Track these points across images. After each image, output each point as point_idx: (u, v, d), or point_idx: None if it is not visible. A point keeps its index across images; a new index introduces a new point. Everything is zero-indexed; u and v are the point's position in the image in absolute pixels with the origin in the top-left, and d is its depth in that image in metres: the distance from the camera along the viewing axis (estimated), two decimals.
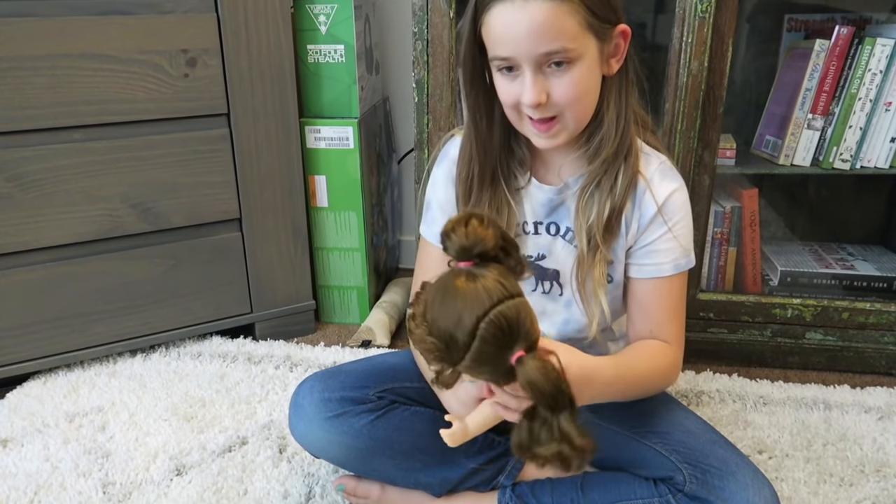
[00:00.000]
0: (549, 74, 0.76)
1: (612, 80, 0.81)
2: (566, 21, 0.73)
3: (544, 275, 0.92)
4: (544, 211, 0.89)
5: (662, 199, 0.84)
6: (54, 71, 1.13)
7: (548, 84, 0.77)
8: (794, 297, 1.29)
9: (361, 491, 0.95)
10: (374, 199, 1.52)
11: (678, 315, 0.88)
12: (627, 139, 0.82)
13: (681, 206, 0.85)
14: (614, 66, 0.80)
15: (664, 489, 0.81)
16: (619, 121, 0.82)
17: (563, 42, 0.74)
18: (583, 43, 0.75)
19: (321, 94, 1.39)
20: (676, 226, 0.85)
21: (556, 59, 0.75)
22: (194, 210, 1.29)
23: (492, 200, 0.87)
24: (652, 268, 0.86)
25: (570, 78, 0.76)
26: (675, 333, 0.87)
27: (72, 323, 1.26)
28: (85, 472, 1.02)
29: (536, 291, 0.93)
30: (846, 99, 1.21)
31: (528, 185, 0.89)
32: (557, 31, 0.73)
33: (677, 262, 0.86)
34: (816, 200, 1.54)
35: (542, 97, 0.76)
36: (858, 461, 1.04)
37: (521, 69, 0.77)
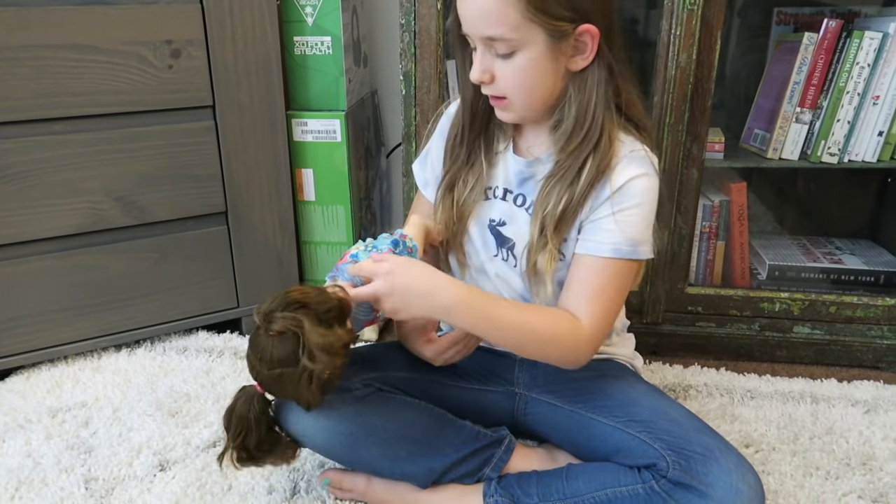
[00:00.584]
0: (497, 58, 0.82)
1: (579, 77, 0.84)
2: (508, 10, 0.78)
3: (505, 243, 0.94)
4: (516, 181, 0.93)
5: (619, 183, 0.85)
6: (37, 62, 1.11)
7: (494, 66, 0.83)
8: (782, 290, 1.29)
9: (347, 484, 0.94)
10: (363, 192, 1.51)
11: (603, 298, 0.86)
12: (594, 136, 0.84)
13: (638, 193, 0.85)
14: (580, 62, 0.83)
15: (648, 476, 0.81)
16: (585, 117, 0.84)
17: (503, 30, 0.79)
18: (526, 34, 0.80)
19: (308, 87, 1.38)
20: (625, 212, 0.85)
21: (499, 45, 0.81)
22: (179, 203, 1.28)
23: (468, 158, 0.95)
24: (592, 245, 0.87)
25: (512, 65, 0.82)
26: (591, 314, 0.85)
27: (55, 317, 1.24)
28: (67, 468, 1.01)
29: (498, 257, 0.96)
30: (834, 92, 1.21)
31: (506, 152, 0.95)
32: (498, 19, 0.79)
33: (618, 246, 0.85)
34: (805, 194, 1.55)
35: (484, 77, 0.84)
36: (845, 454, 1.04)
37: (477, 47, 0.84)
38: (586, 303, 0.86)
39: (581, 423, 0.92)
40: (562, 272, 0.91)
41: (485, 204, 0.96)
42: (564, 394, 0.96)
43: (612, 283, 0.86)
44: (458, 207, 0.95)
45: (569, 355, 0.87)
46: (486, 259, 0.97)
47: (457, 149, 0.96)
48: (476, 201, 0.95)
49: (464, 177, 0.95)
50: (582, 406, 0.93)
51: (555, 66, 0.83)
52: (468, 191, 0.95)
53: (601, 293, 0.86)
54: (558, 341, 0.85)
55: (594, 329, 0.85)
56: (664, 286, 1.29)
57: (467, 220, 0.96)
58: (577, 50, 0.82)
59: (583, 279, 0.87)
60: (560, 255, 0.90)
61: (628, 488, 0.82)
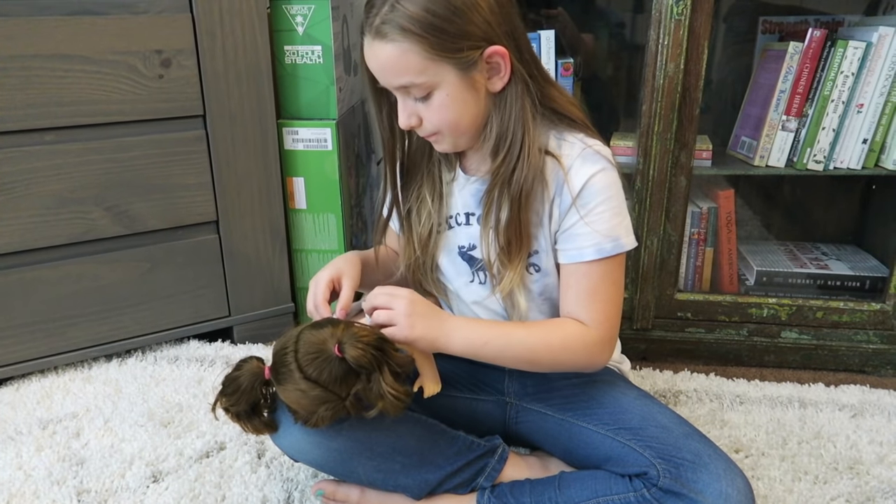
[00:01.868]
0: (418, 101, 0.83)
1: (498, 97, 0.84)
2: (409, 58, 0.79)
3: (477, 265, 0.95)
4: (474, 202, 0.93)
5: (579, 186, 0.85)
6: (25, 72, 1.11)
7: (418, 109, 0.84)
8: (769, 296, 1.31)
9: (340, 495, 0.94)
10: (353, 200, 1.51)
11: (600, 299, 0.88)
12: (515, 149, 0.84)
13: (600, 189, 0.85)
14: (498, 83, 0.84)
15: (639, 484, 0.82)
16: (506, 133, 0.84)
17: (410, 77, 0.80)
18: (435, 74, 0.80)
19: (299, 96, 1.38)
20: (593, 212, 0.85)
21: (414, 91, 0.82)
22: (170, 212, 1.28)
23: (417, 195, 0.95)
24: (574, 252, 0.87)
25: (432, 106, 0.83)
26: (594, 317, 0.87)
27: (46, 328, 1.24)
28: (59, 480, 1.01)
29: (474, 282, 0.96)
30: (819, 101, 1.23)
31: (457, 177, 0.95)
32: (402, 68, 0.80)
33: (600, 245, 0.86)
34: (791, 200, 1.57)
35: (411, 121, 0.85)
36: (832, 459, 1.05)
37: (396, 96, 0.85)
38: (585, 307, 0.88)
39: (572, 432, 0.93)
40: (538, 283, 0.92)
41: (449, 233, 0.96)
42: (555, 402, 0.96)
43: (604, 283, 0.87)
44: (420, 244, 0.96)
45: (583, 360, 0.89)
46: (460, 286, 0.97)
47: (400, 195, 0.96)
48: (440, 233, 0.96)
49: (417, 210, 0.96)
50: (572, 414, 0.94)
51: (474, 93, 0.83)
52: (422, 222, 0.95)
53: (596, 294, 0.87)
54: (568, 347, 0.87)
55: (601, 330, 0.87)
56: (653, 292, 1.30)
57: (434, 254, 0.97)
58: (492, 71, 0.82)
59: (574, 286, 0.89)
60: (533, 267, 0.91)
61: (620, 497, 0.83)
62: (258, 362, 0.83)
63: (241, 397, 0.81)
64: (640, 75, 1.23)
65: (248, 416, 0.84)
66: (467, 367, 1.01)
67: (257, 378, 0.81)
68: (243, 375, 0.81)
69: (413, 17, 0.76)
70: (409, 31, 0.77)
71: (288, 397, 0.79)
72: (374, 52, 0.80)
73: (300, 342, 0.78)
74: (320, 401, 0.78)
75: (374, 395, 0.77)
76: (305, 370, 0.77)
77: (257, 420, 0.85)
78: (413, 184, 0.96)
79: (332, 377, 0.77)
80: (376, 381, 0.77)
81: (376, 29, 0.79)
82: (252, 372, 0.82)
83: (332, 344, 0.77)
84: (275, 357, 0.80)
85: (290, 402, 0.80)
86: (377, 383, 0.77)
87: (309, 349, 0.77)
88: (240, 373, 0.82)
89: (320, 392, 0.77)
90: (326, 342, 0.77)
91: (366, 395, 0.78)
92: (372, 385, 0.77)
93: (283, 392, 0.80)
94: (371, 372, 0.77)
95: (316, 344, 0.77)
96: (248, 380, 0.81)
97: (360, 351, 0.75)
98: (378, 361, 0.77)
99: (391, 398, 0.76)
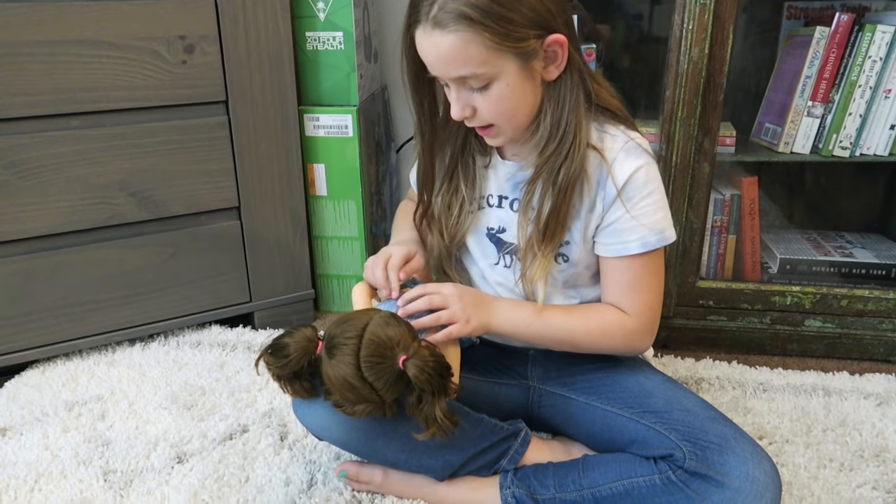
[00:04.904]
0: (473, 92, 0.82)
1: (552, 86, 0.84)
2: (470, 49, 0.77)
3: (505, 248, 0.95)
4: (509, 186, 0.93)
5: (623, 179, 0.85)
6: (52, 57, 1.12)
7: (472, 99, 0.82)
8: (793, 284, 1.30)
9: (364, 476, 0.95)
10: (373, 187, 1.52)
11: (641, 289, 0.89)
12: (568, 140, 0.84)
13: (644, 183, 0.85)
14: (553, 72, 0.83)
15: (664, 466, 0.82)
16: (560, 125, 0.84)
17: (472, 68, 0.78)
18: (496, 64, 0.78)
19: (320, 82, 1.38)
20: (638, 205, 0.86)
21: (472, 81, 0.80)
22: (193, 198, 1.29)
23: (450, 185, 0.95)
24: (619, 246, 0.88)
25: (490, 97, 0.81)
26: (634, 306, 0.89)
27: (70, 312, 1.25)
28: (85, 461, 1.02)
29: (499, 265, 0.96)
30: (846, 86, 1.21)
31: (493, 161, 0.95)
32: (463, 59, 0.78)
33: (645, 239, 0.86)
34: (815, 188, 1.55)
35: (465, 112, 0.83)
36: (858, 446, 1.04)
37: (449, 85, 0.83)
38: (626, 297, 0.89)
39: (596, 415, 0.93)
40: (564, 273, 0.92)
41: (480, 213, 0.96)
42: (578, 386, 0.96)
43: (646, 274, 0.88)
44: (448, 232, 0.96)
45: (622, 347, 0.92)
46: (485, 267, 0.98)
47: (429, 187, 0.96)
48: (470, 213, 0.96)
49: (448, 202, 0.96)
50: (596, 398, 0.94)
51: (532, 83, 0.82)
52: (455, 214, 0.95)
53: (638, 285, 0.89)
54: (607, 334, 0.90)
55: (641, 318, 0.89)
56: (675, 280, 1.29)
57: (462, 237, 0.97)
58: (548, 60, 0.82)
59: (617, 278, 0.90)
60: (561, 257, 0.91)
61: (645, 479, 0.82)
62: (311, 333, 0.81)
63: (287, 365, 0.80)
64: (661, 62, 1.22)
65: (289, 380, 0.83)
66: (490, 352, 1.01)
67: (307, 353, 0.80)
68: (293, 345, 0.80)
69: (474, 4, 0.75)
70: (471, 20, 0.75)
71: (333, 382, 0.78)
72: (433, 43, 0.78)
73: (366, 337, 0.77)
74: (365, 399, 0.78)
75: (424, 416, 0.77)
76: (364, 369, 0.76)
77: (298, 384, 0.83)
78: (448, 175, 0.95)
79: (386, 383, 0.77)
80: (430, 403, 0.76)
81: (434, 18, 0.76)
82: (302, 345, 0.80)
83: (399, 354, 0.76)
84: (334, 338, 0.78)
85: (334, 387, 0.79)
86: (430, 406, 0.76)
87: (374, 350, 0.76)
88: (290, 340, 0.80)
89: (369, 393, 0.77)
90: (394, 350, 0.76)
91: (412, 412, 0.78)
92: (423, 406, 0.76)
93: (330, 374, 0.78)
94: (425, 394, 0.76)
95: (382, 347, 0.76)
96: (296, 351, 0.80)
97: (425, 375, 0.74)
98: (436, 386, 0.76)
99: (442, 422, 0.76)
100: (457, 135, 0.94)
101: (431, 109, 0.91)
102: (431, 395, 0.76)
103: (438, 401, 0.76)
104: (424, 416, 0.76)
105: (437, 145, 0.94)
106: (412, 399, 0.77)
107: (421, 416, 0.77)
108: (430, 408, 0.76)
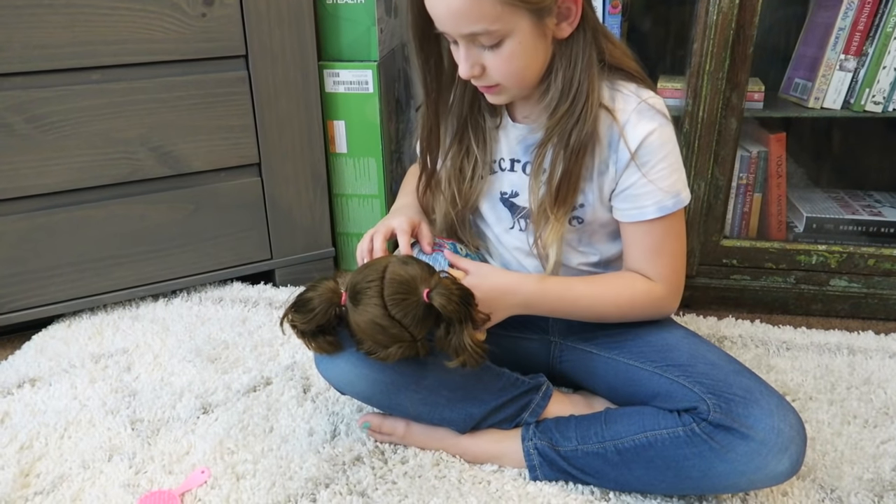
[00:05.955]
0: (483, 49, 0.79)
1: (564, 44, 0.81)
2: (483, 4, 0.74)
3: (519, 212, 0.94)
4: (521, 149, 0.91)
5: (636, 143, 0.83)
6: (71, 9, 1.11)
7: (482, 57, 0.80)
8: (818, 243, 1.28)
9: (387, 427, 0.96)
10: (393, 145, 1.50)
11: (664, 254, 0.88)
12: (580, 101, 0.82)
13: (658, 147, 0.83)
14: (566, 29, 0.80)
15: (688, 419, 0.81)
16: (571, 84, 0.82)
17: (484, 24, 0.75)
18: (509, 21, 0.76)
19: (340, 37, 1.36)
20: (653, 169, 0.84)
21: (483, 39, 0.77)
22: (214, 154, 1.28)
23: (459, 148, 0.93)
24: (635, 211, 0.87)
25: (501, 55, 0.78)
26: (660, 272, 0.89)
27: (94, 267, 1.26)
28: (113, 410, 1.04)
29: (514, 229, 0.95)
30: (881, 38, 1.17)
31: (504, 124, 0.92)
32: (475, 15, 0.75)
33: (661, 203, 0.85)
34: (844, 146, 1.51)
35: (474, 70, 0.80)
36: (882, 404, 1.03)
37: (457, 42, 0.80)
38: (650, 262, 0.88)
39: (618, 370, 0.93)
40: (577, 234, 0.92)
41: (492, 178, 0.94)
42: (600, 341, 0.96)
43: (667, 237, 0.87)
44: (461, 197, 0.94)
45: (651, 313, 0.92)
46: (500, 232, 0.97)
47: (435, 148, 0.94)
48: (482, 178, 0.94)
49: (459, 165, 0.94)
50: (618, 352, 0.93)
51: (544, 41, 0.80)
52: (469, 178, 0.94)
53: (661, 249, 0.88)
54: (636, 305, 0.90)
55: (667, 283, 0.89)
56: (699, 238, 1.28)
57: (475, 201, 0.96)
58: (561, 17, 0.79)
59: (638, 243, 0.89)
60: (576, 220, 0.90)
61: (669, 431, 0.82)
62: (334, 284, 0.82)
63: (312, 319, 0.81)
64: (689, 15, 1.19)
65: (313, 335, 0.84)
66: None
67: (332, 304, 0.81)
68: (317, 298, 0.80)
69: None
70: None
71: (363, 329, 0.79)
72: None
73: (387, 278, 0.77)
74: (396, 339, 0.79)
75: (453, 347, 0.78)
76: (390, 308, 0.77)
77: (322, 339, 0.85)
78: (457, 136, 0.94)
79: (414, 319, 0.77)
80: (458, 332, 0.77)
81: None
82: (326, 297, 0.80)
83: (422, 288, 0.77)
84: (356, 286, 0.79)
85: (364, 334, 0.80)
86: (458, 335, 0.77)
87: (398, 288, 0.77)
88: (314, 294, 0.81)
89: (399, 331, 0.78)
90: (416, 284, 0.77)
91: (442, 344, 0.79)
92: (451, 336, 0.77)
93: (357, 320, 0.79)
94: (453, 323, 0.77)
95: (405, 283, 0.77)
96: (321, 304, 0.80)
97: (451, 303, 0.75)
98: (463, 314, 0.77)
99: (472, 350, 0.77)
100: (464, 94, 0.91)
101: (438, 67, 0.89)
102: (459, 324, 0.77)
103: (466, 328, 0.77)
104: (454, 346, 0.77)
105: (442, 105, 0.92)
106: (440, 332, 0.78)
107: (450, 348, 0.78)
108: (458, 337, 0.77)
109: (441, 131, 0.94)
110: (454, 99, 0.92)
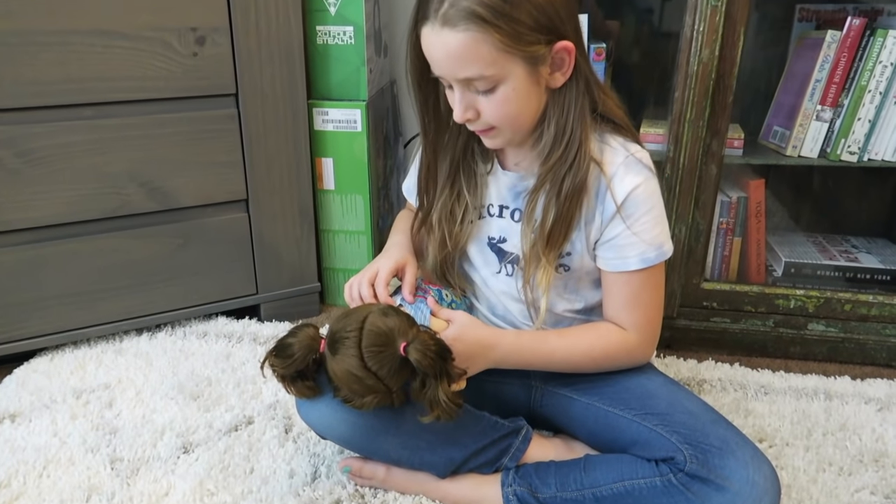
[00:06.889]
0: (478, 94, 0.81)
1: (557, 93, 0.84)
2: (480, 49, 0.76)
3: (507, 257, 0.95)
4: (510, 196, 0.93)
5: (622, 196, 0.85)
6: (65, 47, 1.13)
7: (476, 102, 0.82)
8: (797, 287, 1.30)
9: (367, 472, 0.96)
10: (381, 182, 1.52)
11: (641, 304, 0.90)
12: (573, 149, 0.84)
13: (644, 200, 0.86)
14: (559, 79, 0.83)
15: (665, 468, 0.82)
16: (563, 132, 0.84)
17: (479, 69, 0.77)
18: (504, 67, 0.78)
19: (329, 76, 1.39)
20: (638, 222, 0.86)
21: (478, 84, 0.79)
22: (202, 189, 1.29)
23: (451, 191, 0.94)
24: (618, 262, 0.89)
25: (495, 100, 0.81)
26: (635, 321, 0.91)
27: (79, 300, 1.27)
28: (93, 448, 1.03)
29: (501, 273, 0.97)
30: (856, 91, 1.21)
31: (494, 170, 0.94)
32: (472, 59, 0.77)
33: (644, 255, 0.87)
34: (822, 192, 1.55)
35: (468, 114, 0.82)
36: (857, 451, 1.05)
37: (452, 87, 0.82)
38: (626, 312, 0.90)
39: (598, 416, 0.94)
40: (563, 281, 0.94)
41: (481, 223, 0.96)
42: (580, 386, 0.97)
43: (645, 289, 0.89)
44: (451, 239, 0.96)
45: (626, 363, 0.93)
46: (488, 276, 0.98)
47: (431, 189, 0.96)
48: (471, 222, 0.96)
49: (450, 208, 0.95)
50: (598, 398, 0.94)
51: (537, 89, 0.82)
52: (459, 221, 0.95)
53: (638, 300, 0.90)
54: (610, 356, 0.92)
55: (641, 333, 0.91)
56: (680, 281, 1.30)
57: (464, 244, 0.97)
58: (555, 67, 0.81)
59: (617, 293, 0.91)
60: (562, 267, 0.92)
61: (646, 480, 0.83)
62: (314, 332, 0.83)
63: (292, 364, 0.82)
64: (671, 62, 1.22)
65: (292, 379, 0.85)
66: None
67: (311, 351, 0.82)
68: (297, 344, 0.82)
69: (486, 4, 0.74)
70: (482, 20, 0.74)
71: (340, 377, 0.80)
72: (442, 41, 0.77)
73: (366, 329, 0.79)
74: (371, 389, 0.80)
75: (428, 400, 0.79)
76: (367, 359, 0.78)
77: (301, 384, 0.86)
78: (449, 179, 0.95)
79: (390, 371, 0.79)
80: (433, 387, 0.78)
81: (444, 16, 0.76)
82: (306, 343, 0.82)
83: (400, 341, 0.78)
84: (335, 335, 0.80)
85: (340, 382, 0.81)
86: (433, 389, 0.78)
87: (375, 340, 0.78)
88: (294, 340, 0.82)
89: (374, 382, 0.79)
90: (394, 337, 0.78)
91: (417, 397, 0.80)
92: (427, 390, 0.78)
93: (335, 369, 0.80)
94: (428, 377, 0.78)
95: (383, 336, 0.78)
96: (300, 350, 0.82)
97: (427, 358, 0.76)
98: (439, 369, 0.78)
99: (446, 405, 0.78)
100: (458, 138, 0.93)
101: (436, 108, 0.91)
102: (434, 379, 0.77)
103: (441, 383, 0.78)
104: (429, 399, 0.78)
105: (440, 144, 0.94)
106: (416, 384, 0.79)
107: (425, 400, 0.79)
108: (433, 391, 0.78)
109: (438, 171, 0.96)
110: (448, 141, 0.94)
